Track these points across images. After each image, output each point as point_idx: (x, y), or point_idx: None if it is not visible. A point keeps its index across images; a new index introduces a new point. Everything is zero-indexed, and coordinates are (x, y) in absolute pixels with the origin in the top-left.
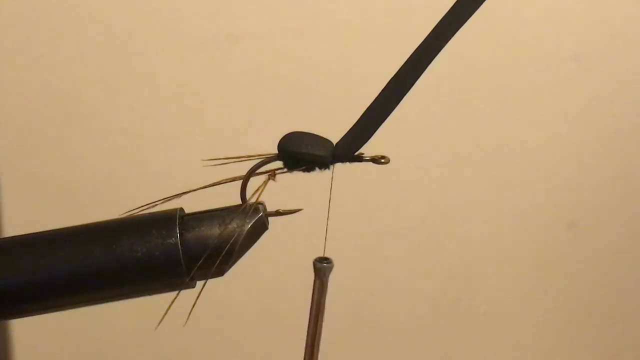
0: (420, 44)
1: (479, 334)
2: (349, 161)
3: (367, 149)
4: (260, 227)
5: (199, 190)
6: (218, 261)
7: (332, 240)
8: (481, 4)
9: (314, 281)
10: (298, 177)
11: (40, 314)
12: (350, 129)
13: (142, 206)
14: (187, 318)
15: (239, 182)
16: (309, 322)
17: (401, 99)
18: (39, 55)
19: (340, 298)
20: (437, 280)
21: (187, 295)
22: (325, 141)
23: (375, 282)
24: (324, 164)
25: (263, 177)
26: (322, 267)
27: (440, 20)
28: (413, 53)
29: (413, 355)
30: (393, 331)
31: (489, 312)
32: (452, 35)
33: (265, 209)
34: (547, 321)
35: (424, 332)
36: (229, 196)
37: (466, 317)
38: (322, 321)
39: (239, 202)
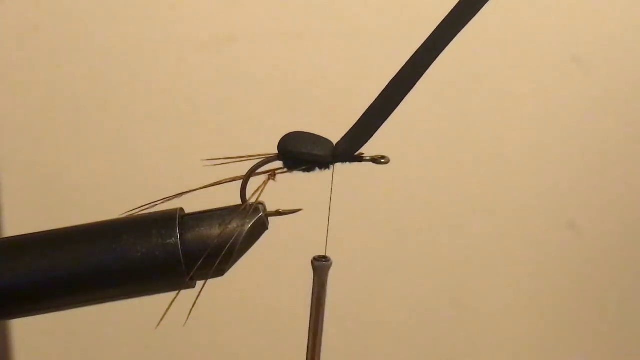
0: (422, 45)
1: (479, 334)
2: (349, 161)
3: (368, 149)
4: (260, 227)
5: (199, 190)
6: (218, 261)
7: (331, 240)
8: (483, 4)
9: (314, 280)
10: (298, 177)
11: (40, 314)
12: (351, 129)
13: (142, 206)
14: (187, 318)
15: (239, 182)
16: (310, 321)
17: (402, 99)
18: (39, 55)
19: (340, 298)
20: (437, 280)
21: (187, 295)
22: (325, 141)
23: (375, 282)
24: (324, 164)
25: (263, 177)
26: (320, 266)
27: (443, 21)
28: (415, 53)
29: (413, 355)
30: (393, 331)
31: (489, 312)
32: (454, 36)
33: (265, 209)
34: (547, 321)
35: (424, 332)
36: (229, 196)
37: (466, 317)
38: (323, 320)
39: (239, 202)
